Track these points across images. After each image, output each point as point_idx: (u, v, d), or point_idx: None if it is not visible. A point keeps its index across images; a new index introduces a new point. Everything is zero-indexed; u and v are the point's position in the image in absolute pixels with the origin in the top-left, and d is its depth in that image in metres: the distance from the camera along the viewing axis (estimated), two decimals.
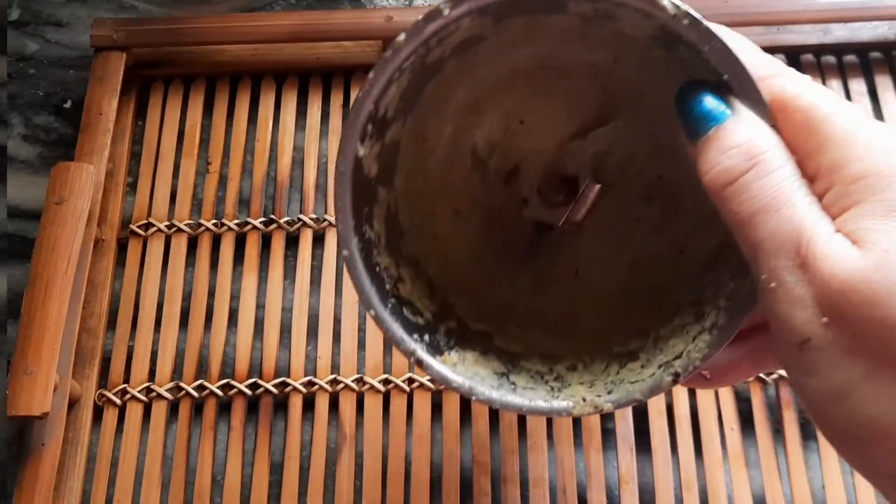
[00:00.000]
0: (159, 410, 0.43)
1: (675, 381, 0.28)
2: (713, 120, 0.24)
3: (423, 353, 0.30)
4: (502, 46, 0.33)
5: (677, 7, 0.25)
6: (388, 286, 0.31)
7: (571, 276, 0.35)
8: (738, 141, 0.24)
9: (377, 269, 0.31)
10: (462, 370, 0.31)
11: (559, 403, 0.29)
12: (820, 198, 0.23)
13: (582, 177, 0.34)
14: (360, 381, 0.43)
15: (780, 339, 0.23)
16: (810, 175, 0.23)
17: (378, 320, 0.30)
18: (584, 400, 0.29)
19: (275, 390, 0.43)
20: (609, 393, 0.29)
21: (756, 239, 0.23)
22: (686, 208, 0.33)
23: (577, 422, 0.43)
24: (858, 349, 0.21)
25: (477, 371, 0.31)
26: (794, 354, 0.22)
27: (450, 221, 0.36)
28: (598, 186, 0.34)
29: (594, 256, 0.35)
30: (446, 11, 0.28)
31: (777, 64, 0.25)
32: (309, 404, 0.43)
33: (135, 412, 0.43)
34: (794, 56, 0.52)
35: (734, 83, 0.25)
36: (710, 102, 0.24)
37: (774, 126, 0.24)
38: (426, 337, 0.31)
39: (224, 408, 0.43)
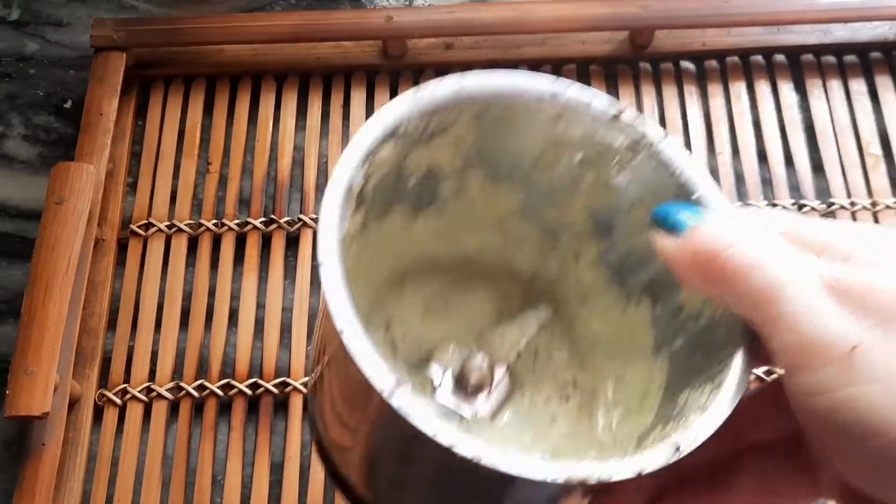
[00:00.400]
0: (159, 410, 0.43)
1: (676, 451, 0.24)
2: (699, 214, 0.26)
3: None
4: (443, 221, 0.33)
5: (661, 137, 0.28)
6: None
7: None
8: (729, 216, 0.25)
9: None
10: None
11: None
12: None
13: (497, 368, 0.33)
14: None
15: (822, 358, 0.23)
16: None
17: None
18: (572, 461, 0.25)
19: (275, 390, 0.43)
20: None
21: (772, 277, 0.23)
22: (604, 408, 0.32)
23: None
24: None
25: None
26: (841, 367, 0.22)
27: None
28: (506, 381, 0.32)
29: (511, 442, 0.32)
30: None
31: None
32: None
33: (135, 412, 0.43)
34: (794, 56, 0.52)
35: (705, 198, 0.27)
36: (690, 207, 0.26)
37: None
38: None
39: (224, 408, 0.43)
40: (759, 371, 0.42)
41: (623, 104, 0.28)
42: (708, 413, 0.24)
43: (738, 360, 0.25)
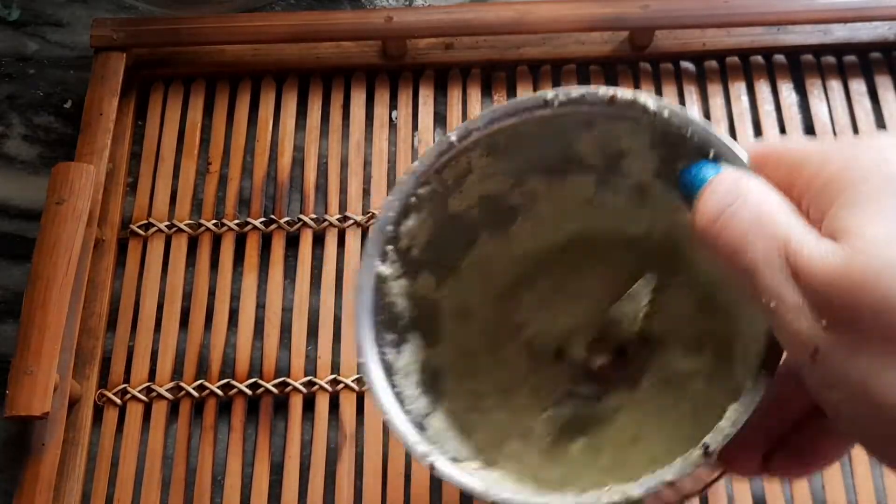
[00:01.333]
0: (159, 410, 0.43)
1: (706, 454, 0.25)
2: (706, 179, 0.26)
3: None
4: (534, 223, 0.36)
5: (658, 103, 0.29)
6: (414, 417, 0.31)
7: (627, 442, 0.34)
8: (725, 184, 0.25)
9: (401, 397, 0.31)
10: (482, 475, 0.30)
11: (586, 498, 0.27)
12: (805, 213, 0.24)
13: (629, 338, 0.35)
14: (360, 380, 0.43)
15: (793, 353, 0.23)
16: (798, 203, 0.24)
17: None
18: (608, 489, 0.27)
19: (275, 390, 0.43)
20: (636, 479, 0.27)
21: (748, 263, 0.23)
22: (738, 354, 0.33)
23: None
24: (863, 342, 0.21)
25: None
26: (809, 367, 0.22)
27: (492, 392, 0.36)
28: (642, 351, 0.35)
29: (652, 420, 0.34)
30: (453, 138, 0.31)
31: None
32: (309, 404, 0.43)
33: (135, 412, 0.43)
34: (793, 56, 0.52)
35: (718, 154, 0.28)
36: (703, 169, 0.26)
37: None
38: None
39: (224, 408, 0.43)
40: None
41: (612, 89, 0.30)
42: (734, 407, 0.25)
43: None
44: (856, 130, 0.50)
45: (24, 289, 0.41)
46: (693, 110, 0.28)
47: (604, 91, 0.30)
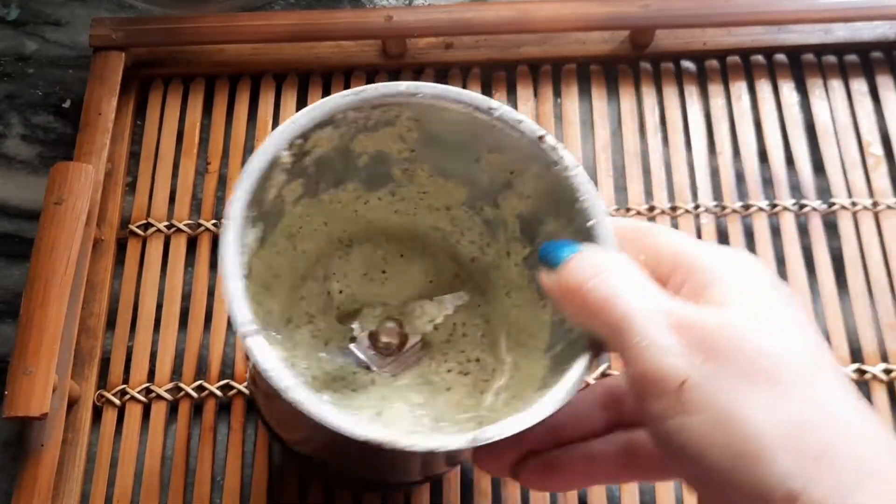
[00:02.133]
0: (159, 411, 0.43)
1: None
2: (574, 250, 0.29)
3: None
4: (398, 199, 0.38)
5: (573, 161, 0.32)
6: None
7: (374, 416, 0.36)
8: (596, 256, 0.29)
9: None
10: None
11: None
12: (676, 289, 0.28)
13: (413, 336, 0.37)
14: None
15: (656, 390, 0.26)
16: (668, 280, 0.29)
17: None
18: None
19: None
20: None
21: (622, 312, 0.27)
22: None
23: None
24: (733, 374, 0.25)
25: None
26: (672, 398, 0.26)
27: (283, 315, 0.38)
28: (419, 347, 0.37)
29: (395, 406, 0.37)
30: (402, 88, 0.33)
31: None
32: None
33: (134, 413, 0.43)
34: (795, 56, 0.52)
35: (594, 230, 0.31)
36: (569, 245, 0.30)
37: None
38: None
39: (224, 408, 0.43)
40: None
41: (543, 130, 0.32)
42: (523, 413, 0.28)
43: (575, 369, 0.29)
44: (857, 130, 0.50)
45: (22, 289, 0.41)
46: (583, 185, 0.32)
47: (537, 128, 0.32)
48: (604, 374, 0.44)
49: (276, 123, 0.50)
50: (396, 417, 0.35)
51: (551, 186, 0.33)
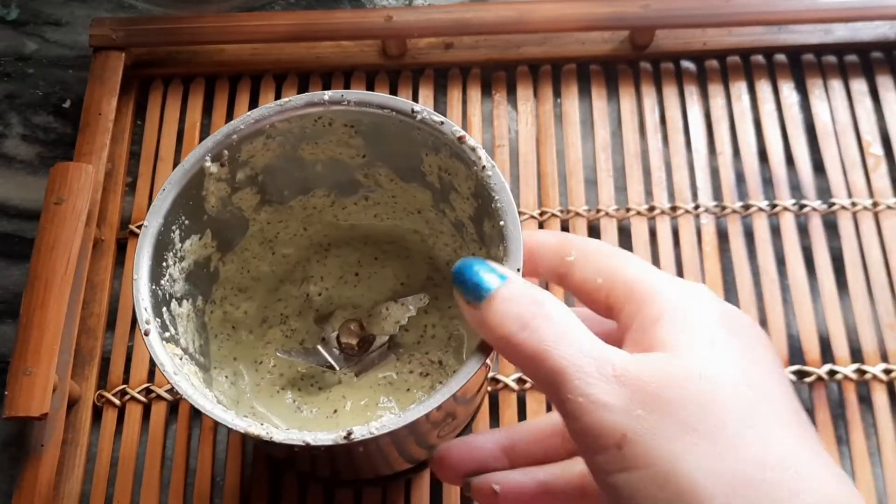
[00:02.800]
0: (159, 411, 0.43)
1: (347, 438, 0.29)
2: (492, 285, 0.28)
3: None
4: (371, 205, 0.40)
5: (490, 161, 0.32)
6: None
7: (331, 413, 0.38)
8: (521, 294, 0.28)
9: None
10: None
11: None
12: (626, 327, 0.28)
13: (380, 337, 0.38)
14: None
15: (595, 445, 0.26)
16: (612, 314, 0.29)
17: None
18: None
19: None
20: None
21: (555, 367, 0.26)
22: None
23: None
24: (674, 427, 0.25)
25: None
26: (612, 454, 0.26)
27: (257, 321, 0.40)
28: (385, 348, 0.38)
29: (356, 400, 0.38)
30: (326, 97, 0.34)
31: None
32: None
33: (134, 413, 0.43)
34: (795, 56, 0.52)
35: (504, 233, 0.31)
36: (485, 271, 0.29)
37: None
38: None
39: None
40: None
41: (462, 131, 0.33)
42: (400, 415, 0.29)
43: (462, 374, 0.29)
44: (857, 130, 0.50)
45: (22, 289, 0.41)
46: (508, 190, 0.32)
47: (457, 129, 0.33)
48: None
49: None
50: (349, 416, 0.37)
51: (477, 187, 0.33)
